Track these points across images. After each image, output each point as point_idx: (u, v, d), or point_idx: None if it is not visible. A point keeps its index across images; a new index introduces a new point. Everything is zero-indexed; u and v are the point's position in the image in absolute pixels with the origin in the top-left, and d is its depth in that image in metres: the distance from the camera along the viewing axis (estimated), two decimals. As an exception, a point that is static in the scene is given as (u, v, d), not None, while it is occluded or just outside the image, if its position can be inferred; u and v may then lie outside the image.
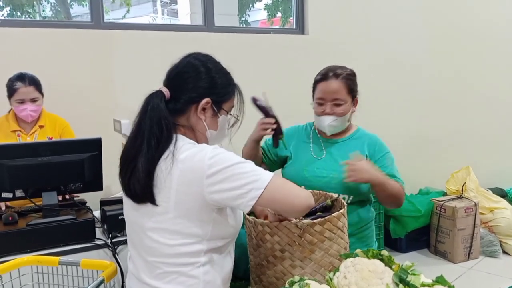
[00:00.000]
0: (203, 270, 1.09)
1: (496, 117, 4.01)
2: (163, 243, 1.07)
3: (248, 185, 1.00)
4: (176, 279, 1.09)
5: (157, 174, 1.05)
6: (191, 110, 1.11)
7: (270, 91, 3.34)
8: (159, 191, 1.05)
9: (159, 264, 1.09)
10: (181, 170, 1.03)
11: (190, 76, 1.11)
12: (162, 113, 1.07)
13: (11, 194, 1.70)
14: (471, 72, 3.87)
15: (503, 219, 3.31)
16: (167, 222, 1.06)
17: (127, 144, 1.13)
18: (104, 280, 1.25)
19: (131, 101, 1.24)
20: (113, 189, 2.56)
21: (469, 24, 3.81)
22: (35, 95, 2.26)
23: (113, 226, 1.73)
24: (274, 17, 6.00)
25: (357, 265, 1.03)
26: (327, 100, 1.59)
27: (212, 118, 1.13)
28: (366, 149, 1.62)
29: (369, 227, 1.67)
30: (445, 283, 0.98)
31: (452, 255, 3.19)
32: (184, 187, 1.03)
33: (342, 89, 1.58)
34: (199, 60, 1.13)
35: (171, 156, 1.04)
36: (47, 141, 2.19)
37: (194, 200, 1.03)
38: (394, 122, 3.54)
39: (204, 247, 1.08)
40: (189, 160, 1.03)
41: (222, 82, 1.14)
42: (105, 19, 2.78)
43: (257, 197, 1.00)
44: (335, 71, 1.60)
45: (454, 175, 3.51)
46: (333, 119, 1.59)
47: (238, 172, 1.01)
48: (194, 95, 1.10)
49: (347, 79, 1.60)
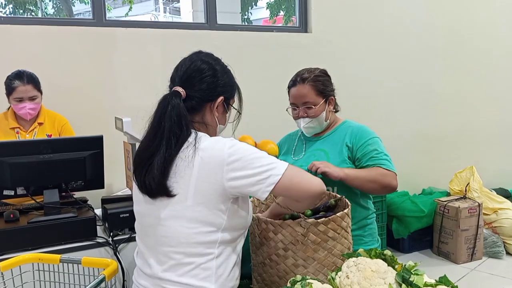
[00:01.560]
0: (216, 263, 1.11)
1: (501, 117, 3.98)
2: (180, 231, 1.09)
3: (266, 172, 1.05)
4: (190, 272, 1.10)
5: (176, 163, 1.09)
6: (206, 108, 1.18)
7: (272, 89, 3.35)
8: (178, 180, 1.09)
9: (173, 254, 1.10)
10: (201, 158, 1.08)
11: (202, 78, 1.17)
12: (183, 112, 1.12)
13: (12, 191, 1.70)
14: (476, 72, 3.84)
15: (506, 220, 3.29)
16: (185, 209, 1.09)
17: (144, 142, 1.16)
18: (105, 278, 1.24)
19: (133, 99, 1.25)
20: (114, 187, 2.57)
21: (473, 24, 3.79)
22: (33, 93, 2.26)
23: (114, 224, 1.72)
24: (277, 15, 5.99)
25: (359, 265, 1.02)
26: (299, 105, 1.68)
27: (222, 114, 1.22)
28: (347, 140, 1.65)
29: (365, 224, 1.66)
30: (448, 283, 0.97)
31: (455, 255, 3.17)
32: (205, 174, 1.07)
33: (310, 92, 1.65)
34: (207, 63, 1.19)
35: (192, 145, 1.09)
36: (48, 139, 2.19)
37: (213, 188, 1.07)
38: (397, 122, 3.52)
39: (218, 237, 1.10)
40: (210, 149, 1.09)
41: (228, 81, 1.22)
42: (107, 17, 2.78)
43: (275, 182, 1.05)
44: (303, 75, 1.68)
45: (457, 175, 3.49)
46: (307, 121, 1.67)
47: (256, 160, 1.06)
48: (208, 94, 1.17)
49: (314, 81, 1.67)
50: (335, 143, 1.67)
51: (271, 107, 3.20)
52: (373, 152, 1.60)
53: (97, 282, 1.21)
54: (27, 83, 2.24)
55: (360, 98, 3.27)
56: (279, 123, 3.11)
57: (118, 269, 1.32)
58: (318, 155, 1.67)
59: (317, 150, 1.69)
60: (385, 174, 1.57)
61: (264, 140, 1.66)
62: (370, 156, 1.60)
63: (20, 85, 2.22)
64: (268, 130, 2.47)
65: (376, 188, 1.58)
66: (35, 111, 2.29)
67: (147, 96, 1.22)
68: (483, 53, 3.86)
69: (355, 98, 3.14)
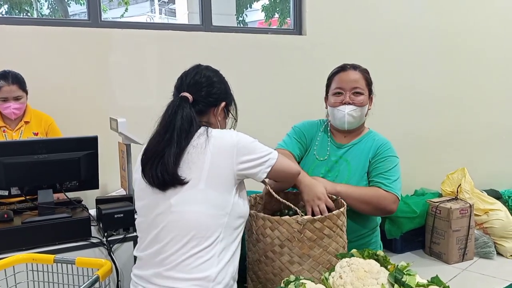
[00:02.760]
0: (220, 247, 1.17)
1: (492, 120, 4.03)
2: (190, 214, 1.16)
3: (266, 156, 1.24)
4: (195, 255, 1.15)
5: (189, 151, 1.20)
6: (210, 112, 1.31)
7: (267, 91, 3.37)
8: (191, 166, 1.18)
9: (181, 237, 1.16)
10: (214, 144, 1.20)
11: (208, 84, 1.30)
12: (193, 114, 1.24)
13: (6, 191, 1.69)
14: (468, 74, 3.88)
15: (497, 220, 3.32)
16: (197, 193, 1.17)
17: (154, 139, 1.24)
18: (99, 278, 1.25)
19: (128, 99, 1.26)
20: (109, 188, 2.56)
21: (466, 27, 3.82)
22: (18, 94, 2.28)
23: (109, 224, 1.72)
24: (272, 17, 6.00)
25: (352, 265, 1.03)
26: (346, 89, 1.58)
27: (223, 120, 1.35)
28: (371, 154, 1.58)
29: (369, 235, 1.62)
30: (440, 283, 0.99)
31: (446, 256, 3.21)
32: (218, 158, 1.19)
33: (361, 80, 1.60)
34: (212, 71, 1.34)
35: (204, 135, 1.21)
36: (43, 139, 2.19)
37: (225, 172, 1.19)
38: (390, 123, 3.54)
39: (224, 222, 1.18)
40: (221, 137, 1.22)
41: (228, 88, 1.36)
42: (102, 18, 2.77)
43: (272, 164, 1.24)
44: (353, 64, 1.64)
45: (449, 176, 3.52)
46: (353, 108, 1.56)
47: (258, 146, 1.25)
48: (213, 99, 1.30)
49: (365, 72, 1.64)
50: (359, 155, 1.59)
51: (266, 108, 3.22)
52: (382, 170, 1.52)
53: (91, 282, 1.21)
54: (12, 83, 2.25)
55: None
56: (273, 123, 3.13)
57: (112, 269, 1.32)
58: (341, 165, 1.59)
59: (341, 159, 1.60)
60: (383, 197, 1.48)
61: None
62: (379, 173, 1.52)
63: (5, 85, 2.24)
64: (263, 131, 2.47)
65: (370, 210, 1.49)
66: (20, 111, 2.31)
67: (142, 97, 1.24)
68: (476, 55, 3.90)
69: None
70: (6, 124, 2.32)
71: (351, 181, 1.53)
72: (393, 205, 1.51)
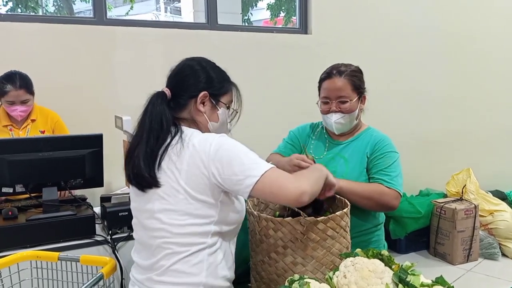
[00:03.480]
0: (208, 252, 1.14)
1: (498, 120, 4.00)
2: (171, 223, 1.13)
3: (245, 172, 1.07)
4: (182, 260, 1.13)
5: (169, 159, 1.13)
6: (191, 104, 1.21)
7: (272, 90, 3.37)
8: (168, 173, 1.12)
9: (166, 244, 1.14)
10: (191, 153, 1.11)
11: (187, 75, 1.22)
12: (163, 111, 1.17)
13: (11, 189, 1.70)
14: (473, 75, 3.86)
15: (502, 221, 3.30)
16: (178, 203, 1.12)
17: (131, 140, 1.22)
18: (103, 276, 1.25)
19: (133, 97, 1.26)
20: (113, 186, 2.57)
21: (470, 27, 3.80)
22: (25, 97, 2.27)
23: (113, 222, 1.73)
24: (277, 16, 5.99)
25: (357, 265, 1.03)
26: (332, 98, 1.59)
27: (212, 111, 1.23)
28: (368, 149, 1.59)
29: (371, 232, 1.62)
30: (444, 283, 0.98)
31: (451, 256, 3.19)
32: (194, 168, 1.10)
33: (346, 86, 1.58)
34: (194, 61, 1.25)
35: (180, 142, 1.13)
36: (48, 136, 2.20)
37: (203, 182, 1.10)
38: (395, 124, 3.53)
39: (211, 229, 1.14)
40: (198, 145, 1.11)
41: (217, 77, 1.24)
42: (108, 16, 2.78)
43: (252, 184, 1.06)
44: (339, 68, 1.61)
45: (454, 177, 3.50)
46: (339, 116, 1.58)
47: (239, 159, 1.08)
48: (192, 90, 1.21)
49: (351, 75, 1.60)
50: (356, 151, 1.60)
51: (271, 106, 3.22)
52: (383, 166, 1.53)
53: (95, 280, 1.22)
54: (19, 88, 2.23)
55: (359, 100, 3.29)
56: (278, 123, 3.12)
57: (116, 267, 1.33)
58: (338, 162, 1.60)
59: (338, 156, 1.62)
60: (384, 193, 1.50)
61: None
62: (379, 169, 1.53)
63: (12, 90, 2.22)
64: (268, 130, 2.48)
65: (372, 205, 1.51)
66: (26, 113, 2.32)
67: (147, 95, 1.24)
68: (481, 56, 3.87)
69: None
70: (13, 123, 2.32)
71: (349, 177, 1.53)
72: (395, 201, 1.52)
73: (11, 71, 2.27)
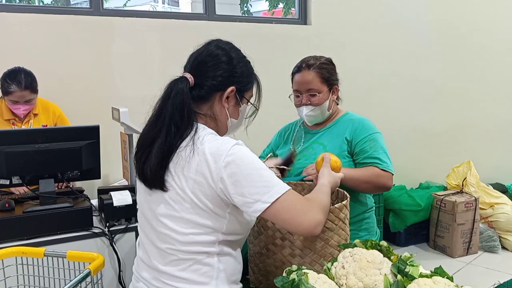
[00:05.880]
0: (217, 259, 1.09)
1: (498, 113, 3.98)
2: (176, 230, 1.06)
3: (255, 195, 0.98)
4: (191, 267, 1.08)
5: (177, 161, 1.04)
6: (215, 98, 1.11)
7: (271, 82, 3.32)
8: (175, 179, 1.05)
9: (172, 251, 1.08)
10: (199, 162, 1.01)
11: (214, 64, 1.11)
12: (186, 100, 1.06)
13: (8, 181, 1.68)
14: (475, 67, 3.84)
15: (503, 214, 3.30)
16: (183, 211, 1.05)
17: (146, 128, 1.11)
18: (90, 272, 1.19)
19: (130, 89, 1.23)
20: (111, 178, 2.56)
21: (473, 19, 3.77)
22: (30, 97, 2.25)
23: (111, 214, 1.72)
24: (276, 7, 5.94)
25: (355, 255, 1.02)
26: (302, 91, 1.64)
27: (234, 107, 1.14)
28: (347, 134, 1.63)
29: (362, 218, 1.65)
30: (443, 274, 0.97)
31: (451, 249, 3.19)
32: (201, 178, 1.02)
33: (315, 79, 1.62)
34: (222, 49, 1.13)
35: (191, 145, 1.03)
36: (44, 128, 2.18)
37: (210, 194, 1.02)
38: (395, 116, 3.52)
39: (218, 238, 1.08)
40: (209, 154, 1.01)
41: (245, 71, 1.15)
42: (105, 7, 2.75)
43: (261, 210, 0.98)
44: (308, 62, 1.65)
45: (454, 169, 3.50)
46: (310, 109, 1.64)
47: (251, 179, 0.99)
48: (218, 82, 1.10)
49: (320, 68, 1.64)
50: (334, 137, 1.65)
51: (270, 98, 3.19)
52: (371, 149, 1.58)
53: (82, 277, 1.17)
54: (24, 89, 2.20)
55: (359, 92, 3.26)
56: (278, 114, 3.10)
57: (104, 263, 1.25)
58: (316, 149, 1.65)
59: (315, 143, 1.67)
60: (380, 175, 1.56)
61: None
62: (367, 154, 1.58)
63: (17, 91, 2.19)
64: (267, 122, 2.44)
65: (370, 188, 1.58)
66: (29, 110, 2.29)
67: (145, 87, 1.22)
68: (483, 48, 3.85)
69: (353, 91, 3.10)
70: (15, 117, 2.30)
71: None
72: (390, 181, 1.58)
73: (16, 68, 2.22)
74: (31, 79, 2.24)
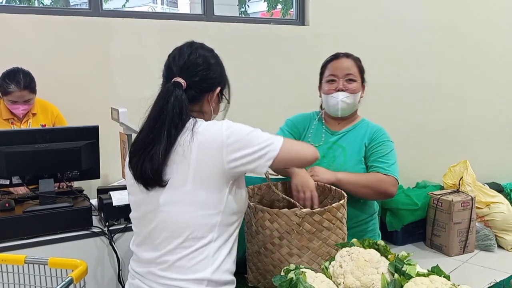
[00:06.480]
0: (214, 247, 1.13)
1: (495, 112, 4.01)
2: (179, 215, 1.11)
3: (265, 148, 1.10)
4: (188, 256, 1.11)
5: (176, 148, 1.10)
6: (205, 98, 1.20)
7: (269, 82, 3.35)
8: (177, 165, 1.10)
9: (171, 238, 1.12)
10: (200, 141, 1.09)
11: (204, 68, 1.18)
12: (185, 104, 1.12)
13: (7, 180, 1.69)
14: (472, 67, 3.86)
15: (499, 213, 3.32)
16: (185, 194, 1.10)
17: (143, 132, 1.15)
18: (73, 280, 1.15)
19: (129, 89, 1.24)
20: (110, 178, 2.57)
21: (471, 19, 3.79)
22: (28, 97, 2.26)
23: (110, 214, 1.73)
24: (274, 8, 5.95)
25: (352, 254, 1.03)
26: (340, 76, 1.61)
27: (216, 104, 1.24)
28: (366, 139, 1.62)
29: (367, 222, 1.64)
30: (440, 273, 0.99)
31: (447, 248, 3.21)
32: (204, 156, 1.09)
33: (354, 67, 1.63)
34: (205, 55, 1.20)
35: (190, 130, 1.11)
36: (44, 128, 2.19)
37: (214, 171, 1.09)
38: (392, 115, 3.53)
39: (217, 221, 1.12)
40: (207, 131, 1.11)
41: (223, 71, 1.25)
42: (104, 8, 2.76)
43: (274, 157, 1.10)
44: (345, 52, 1.66)
45: (451, 169, 3.52)
46: (346, 95, 1.60)
47: (254, 138, 1.10)
48: (209, 84, 1.19)
49: (357, 60, 1.66)
50: (354, 141, 1.62)
51: (267, 98, 3.21)
52: (380, 155, 1.56)
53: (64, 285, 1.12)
54: (23, 89, 2.21)
55: (356, 92, 3.28)
56: (275, 113, 3.11)
57: (87, 270, 1.21)
58: (336, 150, 1.62)
59: (336, 145, 1.63)
60: (382, 180, 1.52)
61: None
62: (376, 158, 1.56)
63: (16, 91, 2.20)
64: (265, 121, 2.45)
65: (371, 194, 1.53)
66: (27, 110, 2.30)
67: (144, 87, 1.23)
68: (480, 48, 3.87)
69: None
70: (14, 116, 2.31)
71: (347, 165, 1.56)
72: (393, 188, 1.53)
73: (14, 68, 2.23)
74: (30, 79, 2.25)
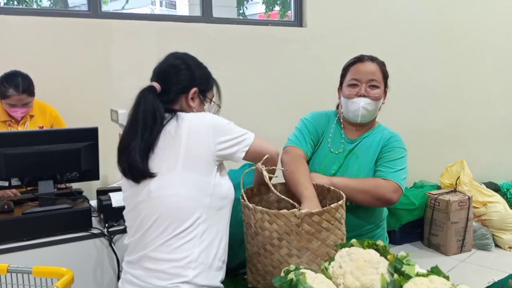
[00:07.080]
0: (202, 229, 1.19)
1: (491, 113, 4.03)
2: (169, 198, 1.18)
3: (242, 136, 1.26)
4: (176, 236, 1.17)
5: (159, 139, 1.20)
6: (182, 100, 1.30)
7: (267, 83, 3.36)
8: (164, 153, 1.19)
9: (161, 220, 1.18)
10: (188, 127, 1.20)
11: (176, 72, 1.30)
12: (156, 105, 1.22)
13: (7, 182, 1.69)
14: (469, 68, 3.88)
15: (496, 213, 3.34)
16: (175, 177, 1.18)
17: (123, 134, 1.26)
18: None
19: (128, 91, 1.25)
20: (109, 179, 2.57)
21: (468, 20, 3.81)
22: (27, 101, 2.25)
23: (109, 215, 1.73)
24: (272, 10, 5.96)
25: (352, 255, 1.04)
26: (363, 81, 1.51)
27: (200, 106, 1.33)
28: (379, 147, 1.54)
29: (374, 229, 1.58)
30: (439, 273, 0.99)
31: (445, 247, 3.23)
32: (194, 139, 1.19)
33: (378, 72, 1.53)
34: (180, 59, 1.33)
35: (174, 120, 1.21)
36: (43, 130, 2.19)
37: (203, 153, 1.19)
38: (390, 116, 3.50)
39: (205, 202, 1.19)
40: (196, 118, 1.23)
41: (202, 74, 1.34)
42: (103, 9, 2.75)
43: (249, 144, 1.25)
44: (369, 55, 1.56)
45: (448, 169, 3.54)
46: (367, 102, 1.50)
47: (233, 128, 1.26)
48: (182, 86, 1.29)
49: (382, 65, 1.56)
50: (369, 147, 1.54)
51: (265, 99, 3.22)
52: (387, 160, 1.48)
53: None
54: (22, 93, 2.21)
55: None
56: (272, 115, 3.12)
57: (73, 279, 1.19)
58: (350, 159, 1.54)
59: (351, 153, 1.55)
60: (380, 185, 1.43)
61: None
62: (382, 163, 1.48)
63: (14, 95, 2.20)
64: (263, 123, 2.47)
65: (368, 199, 1.43)
66: (26, 113, 2.30)
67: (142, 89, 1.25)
68: (477, 49, 3.89)
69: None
70: (12, 118, 2.31)
71: (360, 175, 1.50)
72: (393, 194, 1.43)
73: (13, 72, 2.23)
74: (29, 83, 2.25)
